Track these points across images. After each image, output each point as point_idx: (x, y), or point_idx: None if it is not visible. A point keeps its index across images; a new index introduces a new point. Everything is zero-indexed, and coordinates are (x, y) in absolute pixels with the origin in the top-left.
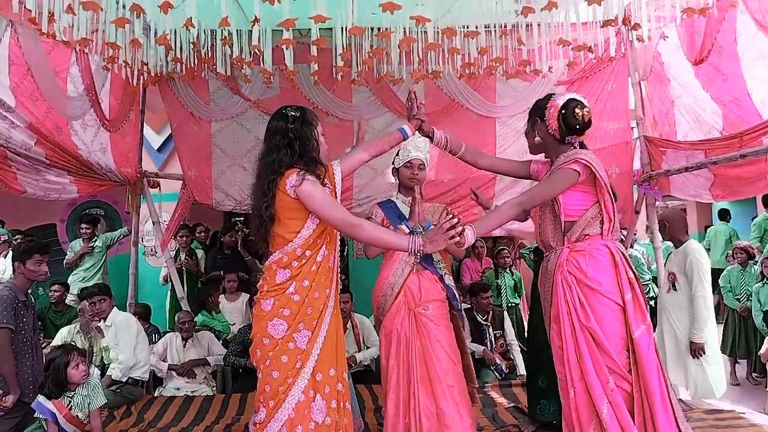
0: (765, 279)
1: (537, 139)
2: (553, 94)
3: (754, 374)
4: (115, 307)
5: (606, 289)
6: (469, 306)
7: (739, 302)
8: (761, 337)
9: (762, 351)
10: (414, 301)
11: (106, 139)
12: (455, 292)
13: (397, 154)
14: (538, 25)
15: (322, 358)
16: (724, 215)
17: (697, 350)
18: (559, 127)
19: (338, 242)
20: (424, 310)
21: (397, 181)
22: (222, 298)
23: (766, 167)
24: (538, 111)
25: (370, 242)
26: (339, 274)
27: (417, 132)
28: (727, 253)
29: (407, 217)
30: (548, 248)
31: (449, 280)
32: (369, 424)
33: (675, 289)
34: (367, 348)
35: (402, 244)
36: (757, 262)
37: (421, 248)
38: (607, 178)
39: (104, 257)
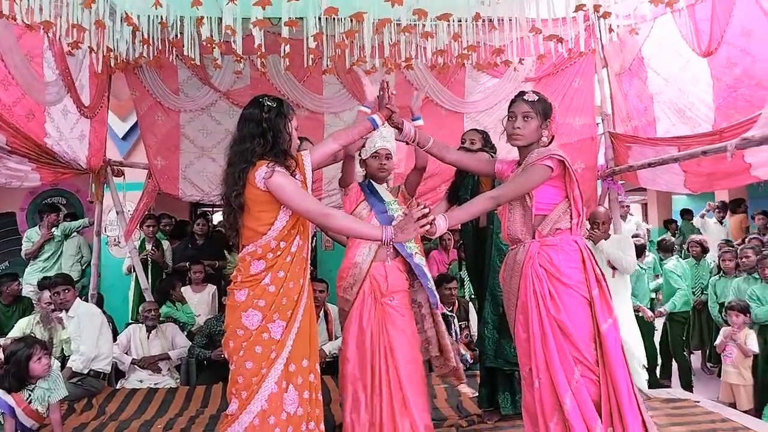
0: (721, 272)
1: (544, 139)
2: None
3: (708, 364)
4: (78, 298)
5: (576, 283)
6: None
7: (694, 295)
8: (716, 328)
9: (717, 341)
10: (380, 291)
11: (86, 126)
12: (425, 270)
13: (363, 146)
14: (510, 20)
15: (295, 348)
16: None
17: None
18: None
19: (311, 232)
20: (390, 300)
21: (365, 172)
22: (188, 289)
23: (742, 164)
24: (549, 110)
25: (342, 231)
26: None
27: (386, 122)
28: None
29: (384, 198)
30: (516, 242)
31: (420, 259)
32: (335, 416)
33: (621, 274)
34: (337, 338)
35: (374, 234)
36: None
37: (393, 238)
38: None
39: (62, 247)
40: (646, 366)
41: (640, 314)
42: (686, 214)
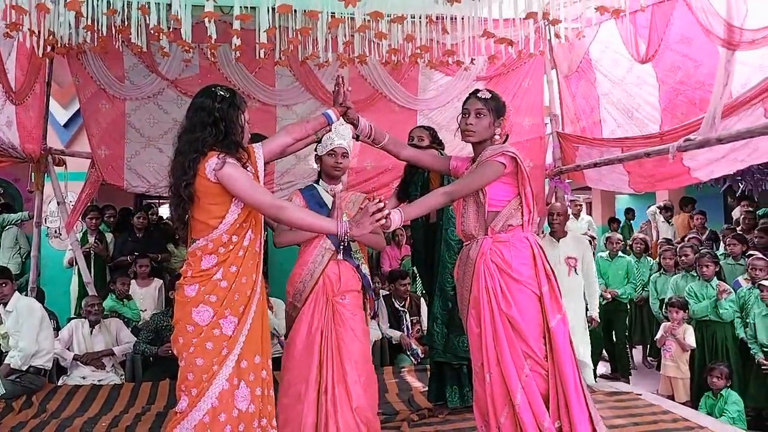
0: (662, 269)
1: (497, 137)
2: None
3: (649, 358)
4: (16, 292)
5: (526, 279)
6: (388, 292)
7: (635, 291)
8: (657, 323)
9: (657, 336)
10: (333, 290)
11: (12, 112)
12: (370, 280)
13: (320, 142)
14: (462, 18)
15: (247, 344)
16: (627, 213)
17: (593, 321)
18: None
19: (263, 226)
20: (342, 299)
21: (319, 168)
22: (133, 283)
23: (681, 166)
24: (503, 108)
25: (295, 224)
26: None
27: (341, 118)
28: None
29: (328, 205)
30: (469, 237)
31: (365, 269)
32: None
33: (576, 274)
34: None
35: (329, 227)
36: (651, 253)
37: (348, 232)
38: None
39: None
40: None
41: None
42: (629, 213)
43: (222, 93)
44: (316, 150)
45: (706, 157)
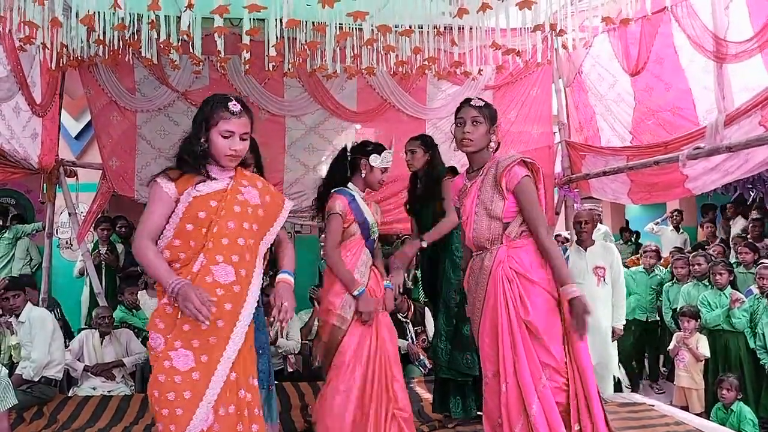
0: (674, 279)
1: (492, 145)
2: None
3: (662, 369)
4: (29, 302)
5: (544, 281)
6: None
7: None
8: (670, 334)
9: (670, 347)
10: (375, 294)
11: (38, 125)
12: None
13: (378, 153)
14: (470, 28)
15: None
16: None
17: (617, 334)
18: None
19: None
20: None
21: (364, 176)
22: (143, 293)
23: (679, 176)
24: (496, 115)
25: (141, 264)
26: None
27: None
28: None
29: (366, 217)
30: (481, 248)
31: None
32: (296, 422)
33: (606, 283)
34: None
35: (165, 283)
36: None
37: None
38: None
39: (13, 250)
40: (618, 378)
41: None
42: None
43: (202, 104)
44: (369, 160)
45: (703, 165)
